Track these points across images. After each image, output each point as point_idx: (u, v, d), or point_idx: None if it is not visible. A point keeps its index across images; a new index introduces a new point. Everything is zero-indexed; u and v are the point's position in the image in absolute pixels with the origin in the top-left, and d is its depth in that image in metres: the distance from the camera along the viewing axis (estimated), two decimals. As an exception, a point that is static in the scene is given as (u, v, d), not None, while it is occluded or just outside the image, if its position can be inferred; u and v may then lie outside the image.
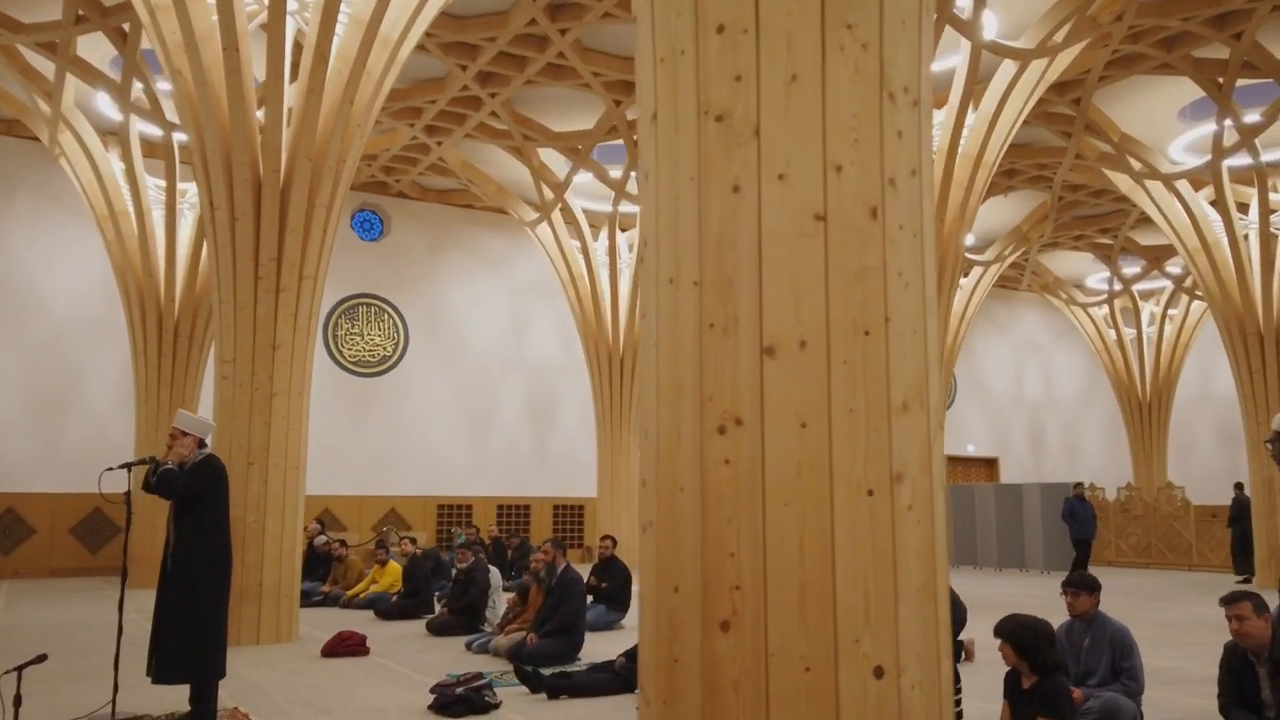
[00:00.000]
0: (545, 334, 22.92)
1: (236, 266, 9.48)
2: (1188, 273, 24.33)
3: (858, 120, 2.62)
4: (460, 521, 21.02)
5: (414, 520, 20.71)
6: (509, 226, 22.52)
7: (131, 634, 9.81)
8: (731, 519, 2.52)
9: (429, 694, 6.37)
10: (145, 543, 15.45)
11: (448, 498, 21.28)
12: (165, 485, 5.64)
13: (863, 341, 2.55)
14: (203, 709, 5.60)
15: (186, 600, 5.55)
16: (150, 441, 15.64)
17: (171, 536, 5.74)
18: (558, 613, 8.08)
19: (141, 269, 15.71)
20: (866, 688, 2.46)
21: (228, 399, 9.43)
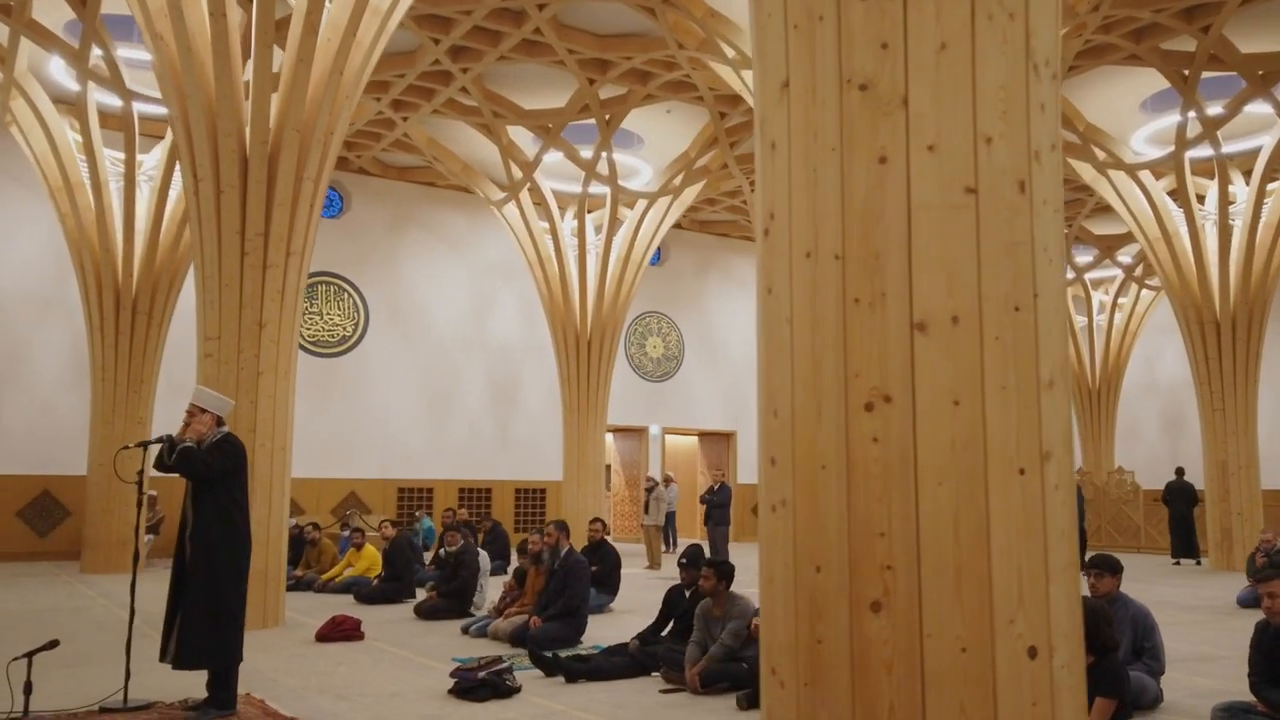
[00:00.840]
0: (508, 316, 22.70)
1: (222, 240, 9.19)
2: (1138, 261, 24.92)
3: (1005, 92, 2.57)
4: (421, 504, 20.78)
5: (374, 503, 20.41)
6: (471, 205, 22.23)
7: (100, 618, 9.51)
8: (881, 498, 2.47)
9: (448, 678, 6.26)
10: (100, 526, 15.07)
11: (408, 480, 21.01)
12: (186, 464, 5.43)
13: (1013, 318, 2.51)
14: (223, 695, 5.42)
15: (207, 583, 5.37)
16: (107, 421, 15.20)
17: (189, 517, 5.53)
18: (562, 596, 7.99)
19: (98, 243, 15.19)
20: (1021, 668, 2.43)
21: (212, 377, 9.15)
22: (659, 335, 24.78)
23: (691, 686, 6.06)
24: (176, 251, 15.64)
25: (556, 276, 19.41)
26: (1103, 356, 26.64)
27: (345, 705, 5.77)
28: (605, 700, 5.94)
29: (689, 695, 6.05)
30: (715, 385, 25.47)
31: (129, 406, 15.29)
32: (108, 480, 15.03)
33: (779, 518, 2.70)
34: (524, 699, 5.96)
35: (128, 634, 5.76)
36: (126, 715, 5.40)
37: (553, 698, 6.01)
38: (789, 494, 2.66)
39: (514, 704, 5.82)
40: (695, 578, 7.08)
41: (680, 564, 7.15)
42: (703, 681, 6.06)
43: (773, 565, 2.71)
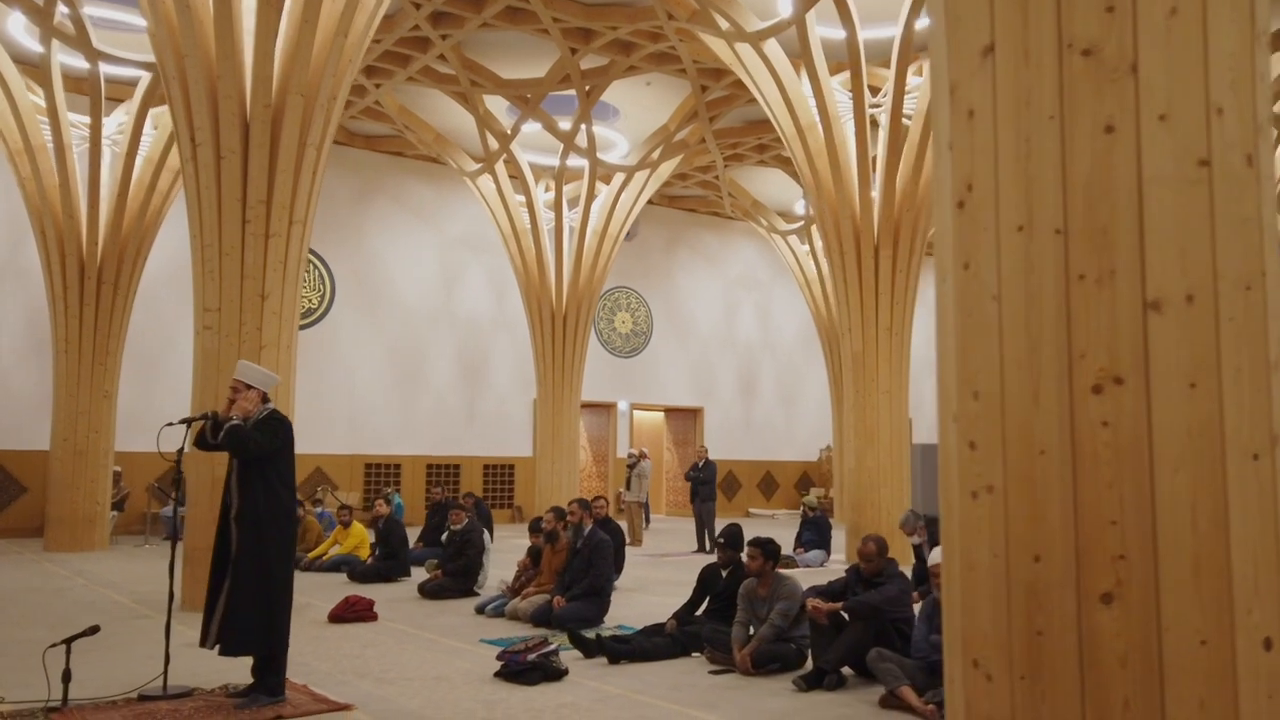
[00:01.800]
0: (476, 290, 22.36)
1: (222, 208, 8.81)
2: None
3: (1234, 60, 2.46)
4: (389, 481, 20.44)
5: (341, 480, 20.03)
6: (440, 177, 21.80)
7: (88, 599, 9.10)
8: (1113, 485, 2.36)
9: (484, 659, 6.09)
10: (64, 503, 14.56)
11: (375, 456, 20.66)
12: (237, 443, 5.17)
13: (1244, 296, 2.41)
14: (273, 681, 5.19)
15: (258, 566, 5.13)
16: (70, 395, 14.66)
17: (235, 498, 5.27)
18: (587, 575, 7.84)
19: (61, 209, 14.58)
20: (1258, 661, 2.35)
21: (212, 351, 8.80)
22: (628, 310, 24.62)
23: (742, 668, 5.97)
24: (143, 219, 15.08)
25: (532, 250, 19.12)
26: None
27: (394, 690, 5.57)
28: (657, 682, 5.82)
29: (739, 676, 5.96)
30: (683, 361, 25.41)
31: (94, 379, 14.76)
32: (73, 455, 14.54)
33: (982, 504, 2.58)
34: (574, 682, 5.81)
35: (167, 617, 5.49)
36: (169, 704, 5.14)
37: (603, 679, 5.88)
38: (997, 480, 2.54)
39: (567, 687, 5.67)
40: (733, 558, 6.99)
41: (718, 543, 7.04)
42: (754, 663, 5.97)
43: (973, 553, 2.59)
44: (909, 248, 12.99)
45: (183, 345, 18.74)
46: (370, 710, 5.12)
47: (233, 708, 5.06)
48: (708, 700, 5.37)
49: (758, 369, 26.70)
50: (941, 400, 2.81)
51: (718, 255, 26.27)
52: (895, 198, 12.90)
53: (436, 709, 5.14)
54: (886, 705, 5.12)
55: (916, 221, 12.96)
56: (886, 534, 12.70)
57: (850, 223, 13.10)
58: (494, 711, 5.09)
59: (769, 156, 20.76)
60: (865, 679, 5.71)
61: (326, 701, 5.22)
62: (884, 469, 12.93)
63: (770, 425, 26.61)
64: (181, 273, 18.78)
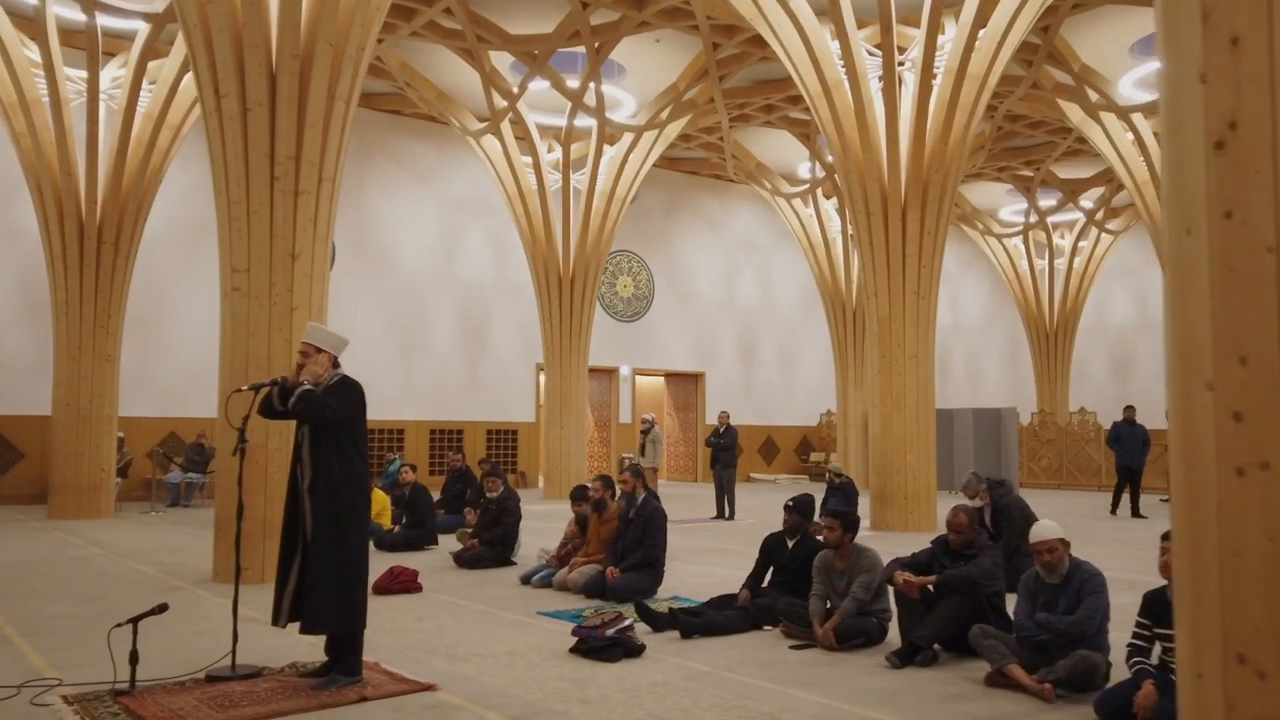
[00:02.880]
0: (478, 253, 21.96)
1: (250, 164, 8.42)
2: (1100, 205, 25.15)
3: None
4: (392, 446, 20.12)
5: (341, 445, 19.66)
6: (440, 136, 21.31)
7: (112, 570, 8.72)
8: None
9: (549, 633, 5.87)
10: (68, 469, 14.18)
11: (378, 421, 20.26)
12: (311, 409, 4.86)
13: None
14: (351, 660, 4.93)
15: (335, 539, 4.84)
16: (71, 359, 14.22)
17: (306, 467, 4.97)
18: (641, 546, 7.60)
19: (58, 167, 14.06)
20: None
21: (241, 314, 8.45)
22: (629, 274, 24.28)
23: (825, 642, 5.75)
24: (143, 177, 14.59)
25: (538, 212, 18.72)
26: (1061, 299, 26.96)
27: (470, 668, 5.32)
28: (740, 658, 5.60)
29: (822, 652, 5.74)
30: (684, 326, 25.14)
31: (95, 342, 14.33)
32: (76, 421, 14.14)
33: (1252, 483, 2.32)
34: (654, 658, 5.58)
35: (234, 593, 5.20)
36: (241, 685, 4.86)
37: (683, 655, 5.65)
38: (1272, 455, 2.28)
39: (650, 664, 5.43)
40: (800, 525, 6.76)
41: (787, 507, 6.77)
42: (837, 638, 5.75)
43: (1240, 538, 2.33)
44: (936, 209, 12.73)
45: (180, 308, 18.30)
46: (454, 690, 4.86)
47: (310, 688, 4.79)
48: (803, 678, 5.15)
49: (758, 333, 26.48)
50: (1179, 367, 2.54)
51: (718, 219, 25.93)
52: (924, 158, 12.61)
53: (524, 688, 4.90)
54: (993, 684, 4.92)
55: (945, 182, 12.68)
56: (911, 500, 12.59)
57: (877, 184, 12.81)
58: (586, 690, 4.85)
59: (775, 118, 20.40)
60: (956, 655, 5.51)
61: (407, 681, 4.96)
62: (910, 434, 12.75)
63: (770, 390, 26.44)
64: (178, 234, 18.30)
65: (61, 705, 4.56)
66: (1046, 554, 4.95)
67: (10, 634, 6.19)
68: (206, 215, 18.66)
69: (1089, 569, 4.95)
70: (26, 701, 4.61)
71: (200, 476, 16.70)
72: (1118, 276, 28.95)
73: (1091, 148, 21.99)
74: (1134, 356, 29.11)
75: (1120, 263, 28.44)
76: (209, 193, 18.69)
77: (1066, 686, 4.71)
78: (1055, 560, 4.95)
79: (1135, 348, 29.12)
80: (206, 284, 18.60)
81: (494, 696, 4.74)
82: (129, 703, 4.55)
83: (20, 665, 5.35)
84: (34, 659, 5.50)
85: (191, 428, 17.86)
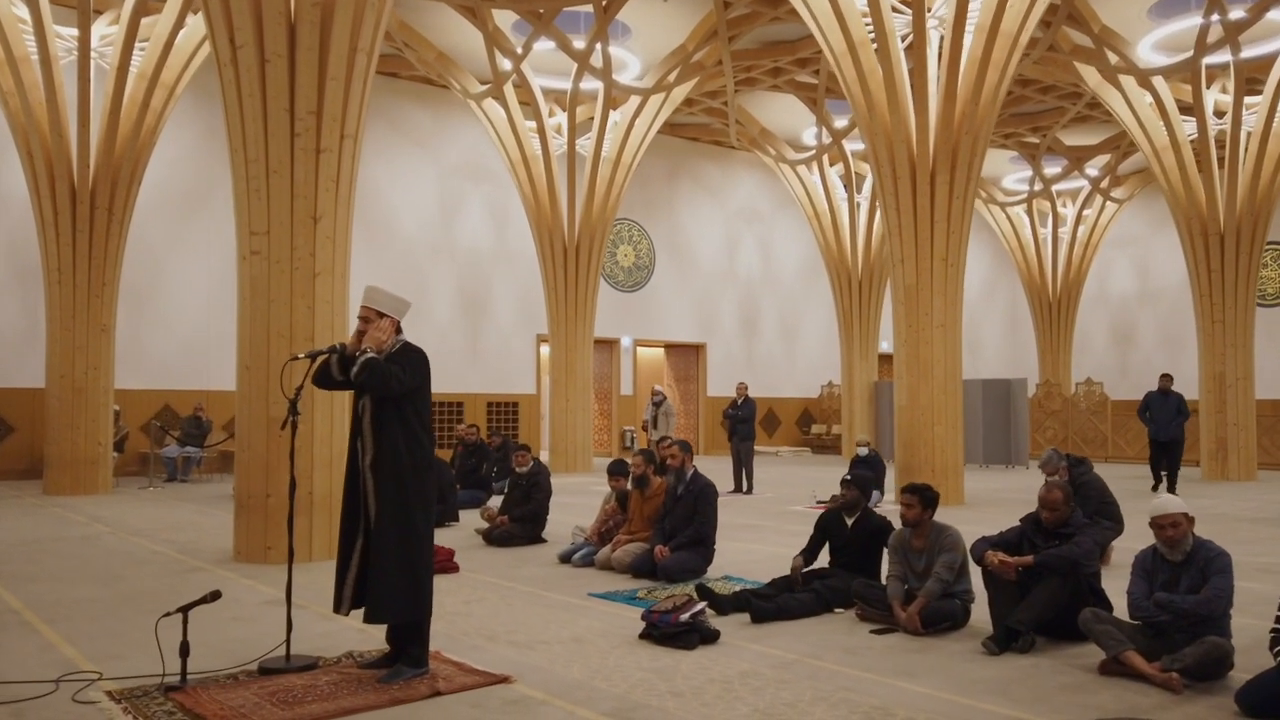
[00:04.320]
0: (477, 221, 21.46)
1: (268, 119, 7.92)
2: (1105, 173, 24.85)
3: None
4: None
5: (340, 417, 19.21)
6: (437, 100, 20.74)
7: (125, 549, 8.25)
8: None
9: (634, 621, 5.51)
10: (64, 443, 13.71)
11: (376, 393, 19.82)
12: (376, 379, 4.44)
13: None
14: (418, 651, 4.53)
15: (400, 521, 4.44)
16: (65, 329, 13.71)
17: (368, 443, 4.56)
18: (691, 523, 7.24)
19: (49, 128, 13.47)
20: None
21: (260, 278, 7.98)
22: (630, 243, 23.84)
23: (910, 627, 5.41)
24: (137, 139, 14.01)
25: (543, 179, 18.22)
26: (1064, 269, 26.71)
27: (538, 656, 4.95)
28: (823, 644, 5.24)
29: (907, 637, 5.40)
30: (685, 296, 24.74)
31: (90, 312, 13.81)
32: (71, 393, 13.65)
33: None
34: (731, 645, 5.22)
35: (287, 578, 4.80)
36: (299, 678, 4.47)
37: (761, 641, 5.29)
38: None
39: (728, 651, 5.08)
40: (858, 501, 6.42)
41: (844, 482, 6.41)
42: (922, 621, 5.42)
43: None
44: (966, 173, 12.34)
45: (174, 277, 17.74)
46: (530, 682, 4.49)
47: (376, 682, 4.41)
48: (899, 666, 4.80)
49: (759, 304, 26.11)
50: None
51: (719, 187, 25.48)
52: (954, 120, 12.21)
53: (605, 679, 4.53)
54: (1107, 672, 4.58)
55: (975, 145, 12.29)
56: (938, 473, 12.27)
57: (905, 147, 12.40)
58: (672, 682, 4.49)
59: (782, 81, 19.93)
60: (1050, 639, 5.18)
61: (479, 673, 4.58)
62: (938, 405, 12.42)
63: (771, 361, 26.11)
64: (170, 201, 17.71)
65: (108, 703, 4.15)
66: (1170, 529, 4.61)
67: (31, 620, 5.77)
68: (200, 181, 18.10)
69: (1214, 547, 4.62)
70: (68, 698, 4.21)
71: (198, 450, 16.23)
72: (1119, 246, 28.70)
73: (1099, 114, 21.67)
74: (1135, 327, 28.93)
75: (1123, 232, 28.20)
76: (202, 158, 18.17)
77: (1192, 675, 4.39)
78: (1179, 536, 4.61)
79: (1137, 318, 28.93)
80: (200, 252, 18.05)
81: (576, 690, 4.38)
82: (183, 699, 4.15)
83: (51, 656, 4.94)
84: (64, 649, 5.09)
85: (186, 400, 17.37)
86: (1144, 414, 14.98)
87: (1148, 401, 14.96)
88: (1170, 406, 14.64)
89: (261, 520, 7.86)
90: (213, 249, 18.13)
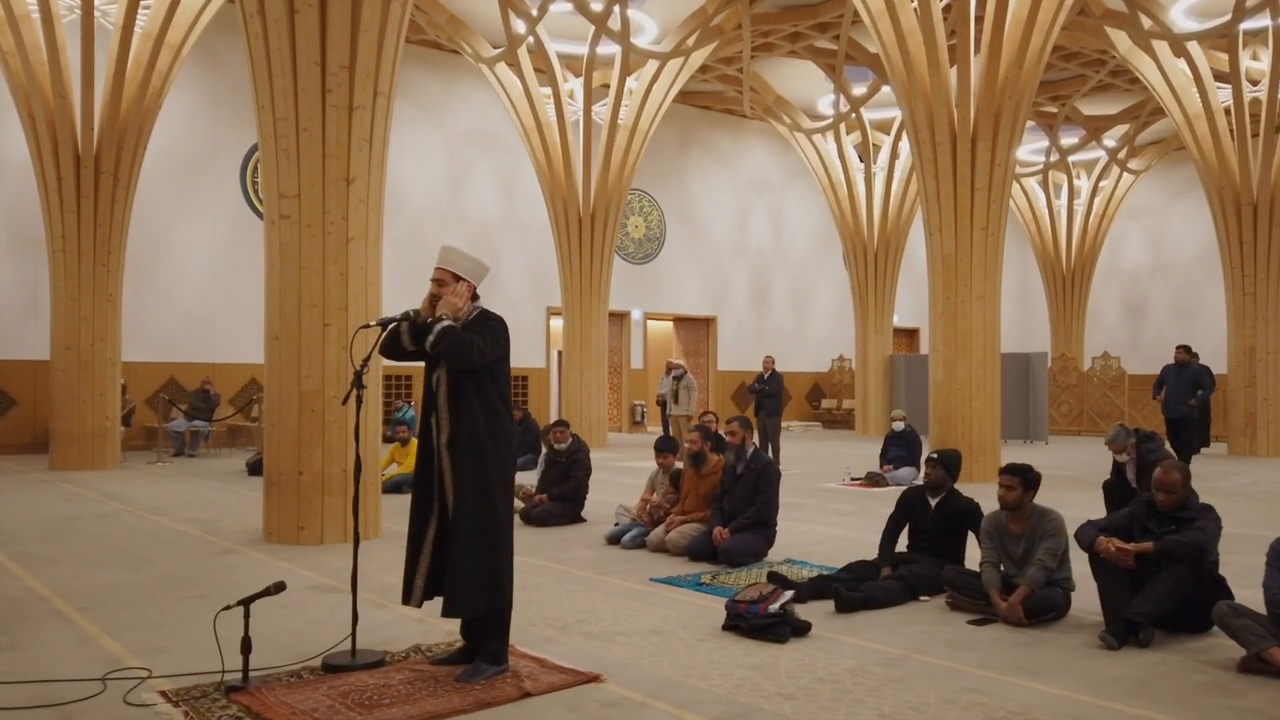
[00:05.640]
0: (486, 190, 20.96)
1: (298, 74, 7.45)
2: (1123, 144, 24.42)
3: None
4: (400, 392, 19.26)
5: (348, 391, 18.77)
6: (446, 66, 20.19)
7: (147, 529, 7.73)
8: None
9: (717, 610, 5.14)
10: (70, 417, 13.29)
11: (385, 367, 19.38)
12: (456, 350, 4.02)
13: None
14: (498, 647, 4.14)
15: (481, 505, 4.03)
16: (71, 299, 13.23)
17: (444, 419, 4.14)
18: (752, 503, 6.85)
19: (51, 89, 12.92)
20: None
21: (290, 244, 7.53)
22: (640, 214, 23.35)
23: (1013, 617, 5.03)
24: (142, 102, 13.48)
25: (557, 146, 17.71)
26: (1079, 241, 26.32)
27: (620, 650, 4.56)
28: (923, 636, 4.87)
29: (1008, 628, 5.02)
30: (696, 268, 24.29)
31: (95, 281, 13.33)
32: (77, 365, 13.19)
33: None
34: (824, 637, 4.84)
35: (353, 566, 4.39)
36: (370, 676, 4.08)
37: (854, 633, 4.92)
38: None
39: (823, 645, 4.70)
40: (944, 481, 6.04)
41: (930, 461, 6.03)
42: (1027, 611, 5.05)
43: None
44: (1009, 138, 11.91)
45: (178, 247, 17.25)
46: (621, 680, 4.11)
47: (454, 680, 4.02)
48: (1017, 663, 4.42)
49: (770, 276, 25.69)
50: None
51: (730, 156, 24.98)
52: (997, 82, 11.76)
53: (703, 678, 4.15)
54: (1248, 670, 4.22)
55: (1018, 109, 11.85)
56: (975, 451, 11.90)
57: (945, 111, 11.96)
58: (777, 681, 4.11)
59: (801, 47, 19.42)
60: (1170, 632, 4.81)
61: (566, 671, 4.19)
62: (976, 379, 12.07)
63: (782, 335, 25.71)
64: (174, 167, 17.19)
65: (165, 705, 3.76)
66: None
67: (63, 609, 5.37)
68: (203, 148, 17.57)
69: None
70: (119, 699, 3.81)
71: (206, 425, 15.80)
72: (1132, 219, 28.29)
73: (1121, 82, 21.23)
74: (1147, 300, 28.58)
75: (1137, 204, 27.77)
76: (205, 124, 17.61)
77: (1348, 673, 4.03)
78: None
79: (1148, 291, 28.57)
80: (206, 220, 17.55)
81: (674, 690, 3.99)
82: (246, 700, 3.76)
83: (92, 650, 4.54)
84: (104, 642, 4.68)
85: (191, 373, 16.92)
86: (1156, 389, 14.02)
87: (1163, 377, 13.97)
88: (1184, 381, 13.60)
89: (294, 499, 7.45)
90: (217, 218, 17.63)
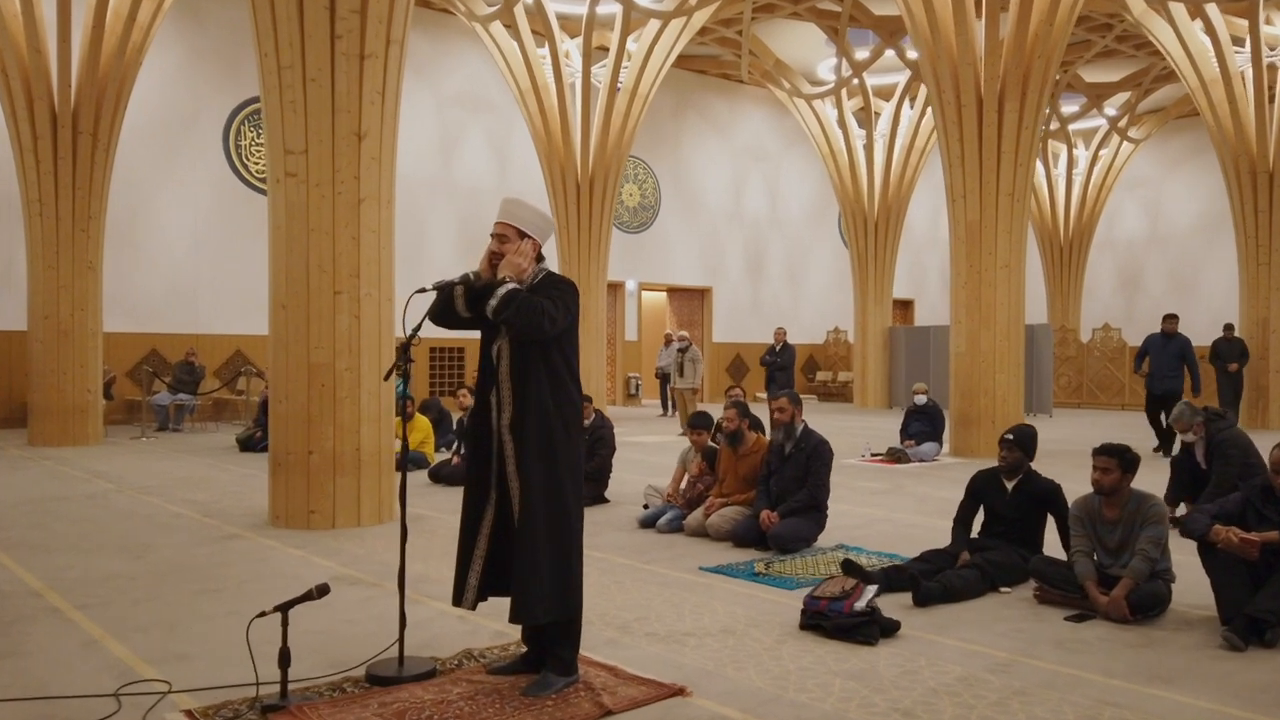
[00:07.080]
0: (478, 155, 20.28)
1: (305, 19, 6.83)
2: (1124, 112, 24.03)
3: None
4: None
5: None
6: (434, 25, 19.44)
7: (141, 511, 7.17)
8: None
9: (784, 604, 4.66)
10: (49, 390, 12.65)
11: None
12: (523, 316, 3.47)
13: None
14: (568, 655, 3.63)
15: (549, 497, 3.51)
16: (49, 266, 12.56)
17: (506, 397, 3.62)
18: (802, 485, 6.38)
19: (25, 43, 12.18)
20: None
21: (297, 204, 6.94)
22: (635, 182, 22.74)
23: (1116, 613, 4.59)
24: (122, 58, 12.75)
25: (554, 110, 17.08)
26: (1077, 211, 25.96)
27: (692, 654, 4.08)
28: (1022, 635, 4.42)
29: (1110, 625, 4.59)
30: (692, 238, 23.74)
31: (75, 248, 12.65)
32: (56, 336, 12.54)
33: None
34: (914, 637, 4.38)
35: (399, 564, 3.87)
36: (424, 690, 3.57)
37: (946, 632, 4.46)
38: None
39: (917, 647, 4.23)
40: (1022, 462, 5.58)
41: (1005, 441, 5.55)
42: (1131, 607, 4.61)
43: None
44: (1036, 101, 11.42)
45: (159, 213, 16.52)
46: (709, 694, 3.63)
47: (520, 694, 3.53)
48: (1146, 669, 3.96)
49: (766, 246, 25.18)
50: None
51: (726, 123, 24.38)
52: (1027, 41, 11.25)
53: (800, 689, 3.68)
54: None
55: (1047, 70, 11.35)
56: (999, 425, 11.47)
57: (971, 71, 11.44)
58: (888, 694, 3.63)
59: (803, 8, 18.83)
60: (1286, 629, 4.40)
61: (646, 683, 3.70)
62: (1000, 351, 11.66)
63: (777, 306, 25.24)
64: (155, 129, 16.45)
65: (193, 730, 3.25)
66: None
67: (60, 606, 4.83)
68: (184, 110, 16.82)
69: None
70: (137, 718, 3.30)
71: (190, 398, 15.16)
72: (1129, 189, 27.93)
73: (1126, 47, 20.80)
74: (1143, 271, 28.30)
75: (1133, 174, 27.41)
76: (186, 84, 16.84)
77: None
78: None
79: (1144, 262, 28.29)
80: (188, 185, 16.82)
81: (773, 706, 3.51)
82: (287, 724, 3.26)
83: (99, 658, 4.01)
84: (111, 646, 4.16)
85: (173, 344, 16.25)
86: (1140, 363, 12.64)
87: (1146, 347, 12.59)
88: (1171, 353, 12.26)
89: (303, 480, 6.91)
90: (199, 183, 16.91)
